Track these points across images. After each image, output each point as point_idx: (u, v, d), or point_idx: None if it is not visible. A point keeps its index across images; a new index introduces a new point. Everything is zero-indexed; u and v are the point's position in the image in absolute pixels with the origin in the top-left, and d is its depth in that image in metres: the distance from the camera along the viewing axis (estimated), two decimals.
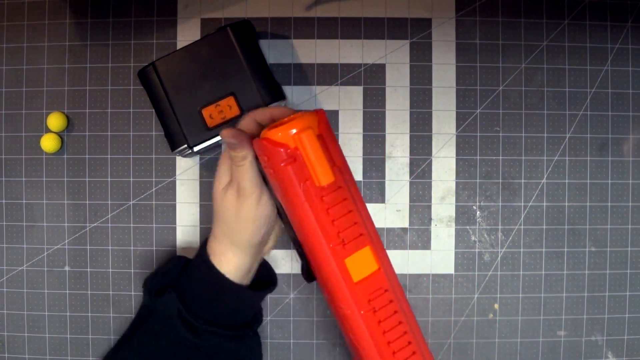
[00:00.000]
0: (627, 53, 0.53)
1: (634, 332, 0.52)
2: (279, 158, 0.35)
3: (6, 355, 0.52)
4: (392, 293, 0.37)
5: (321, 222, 0.36)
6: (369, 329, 0.37)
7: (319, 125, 0.36)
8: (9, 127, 0.52)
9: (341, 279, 0.36)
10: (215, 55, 0.46)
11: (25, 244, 0.52)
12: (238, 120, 0.43)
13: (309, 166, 0.35)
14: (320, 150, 0.35)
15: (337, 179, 0.36)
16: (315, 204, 0.36)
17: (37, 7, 0.52)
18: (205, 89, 0.46)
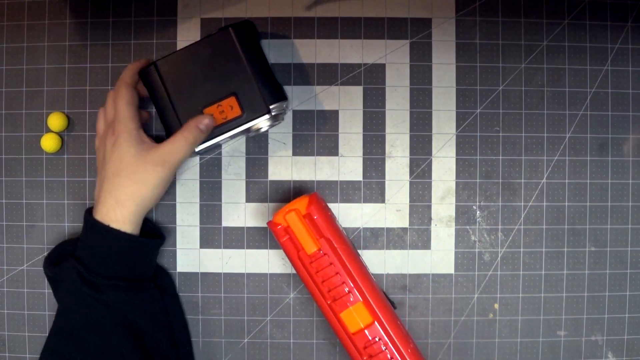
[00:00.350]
0: (627, 53, 0.53)
1: (634, 332, 0.52)
2: (281, 234, 0.46)
3: (6, 355, 0.52)
4: (386, 342, 0.44)
5: (315, 283, 0.45)
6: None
7: (308, 206, 0.46)
8: (9, 127, 0.52)
9: (341, 329, 0.45)
10: (217, 56, 0.46)
11: (25, 244, 0.52)
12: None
13: (298, 239, 0.45)
14: (302, 226, 0.45)
15: (322, 247, 0.45)
16: (307, 268, 0.45)
17: (37, 7, 0.52)
18: (207, 89, 0.46)
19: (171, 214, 0.52)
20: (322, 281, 0.45)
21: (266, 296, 0.52)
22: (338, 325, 0.45)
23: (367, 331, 0.44)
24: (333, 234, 0.46)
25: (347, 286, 0.45)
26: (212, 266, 0.52)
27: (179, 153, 0.45)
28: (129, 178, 0.44)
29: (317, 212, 0.46)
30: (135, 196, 0.44)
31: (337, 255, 0.45)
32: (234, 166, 0.52)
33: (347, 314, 0.45)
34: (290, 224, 0.45)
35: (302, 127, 0.52)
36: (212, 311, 0.52)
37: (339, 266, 0.45)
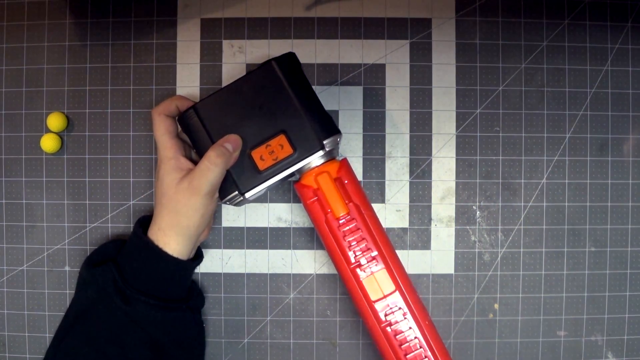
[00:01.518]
0: (627, 53, 0.53)
1: (634, 332, 0.52)
2: (308, 196, 0.44)
3: (6, 355, 0.52)
4: (407, 310, 0.43)
5: (341, 247, 0.44)
6: (388, 341, 0.43)
7: (338, 170, 0.44)
8: (9, 127, 0.52)
9: (361, 296, 0.44)
10: (260, 92, 0.43)
11: (25, 244, 0.52)
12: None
13: (326, 201, 0.44)
14: (334, 188, 0.44)
15: (350, 212, 0.44)
16: (334, 231, 0.44)
17: (37, 7, 0.52)
18: (253, 129, 0.43)
19: None
20: (348, 246, 0.44)
21: (266, 296, 0.52)
22: (358, 292, 0.44)
23: (389, 299, 0.43)
24: (361, 200, 0.45)
25: (373, 253, 0.44)
26: (212, 266, 0.52)
27: (205, 177, 0.42)
28: (166, 208, 0.44)
29: (347, 177, 0.45)
30: (174, 225, 0.44)
31: (364, 221, 0.44)
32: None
33: (369, 280, 0.44)
34: (321, 185, 0.44)
35: None
36: (212, 311, 0.52)
37: (366, 232, 0.44)
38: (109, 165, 0.52)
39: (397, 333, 0.43)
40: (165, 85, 0.52)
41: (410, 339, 0.43)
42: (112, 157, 0.52)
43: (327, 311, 0.52)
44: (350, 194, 0.44)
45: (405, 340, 0.43)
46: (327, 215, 0.44)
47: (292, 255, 0.53)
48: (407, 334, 0.43)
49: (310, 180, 0.44)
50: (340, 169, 0.45)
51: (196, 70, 0.52)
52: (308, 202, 0.44)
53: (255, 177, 0.43)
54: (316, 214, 0.44)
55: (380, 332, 0.43)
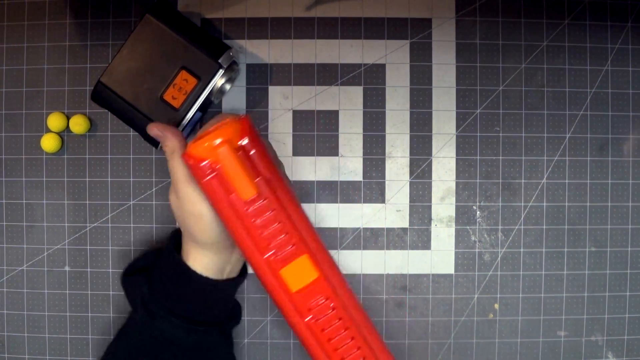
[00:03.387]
0: (627, 53, 0.53)
1: (634, 332, 0.52)
2: (202, 173, 0.35)
3: (6, 356, 0.52)
4: (335, 300, 0.37)
5: (251, 235, 0.36)
6: (314, 336, 0.37)
7: (240, 134, 0.36)
8: (9, 127, 0.52)
9: (279, 289, 0.37)
10: (150, 43, 0.46)
11: (25, 244, 0.52)
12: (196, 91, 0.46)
13: (229, 180, 0.35)
14: (239, 165, 0.35)
15: (261, 191, 0.36)
16: (242, 217, 0.36)
17: (37, 7, 0.52)
18: (157, 77, 0.46)
19: (171, 214, 0.52)
20: (259, 233, 0.36)
21: (266, 296, 0.52)
22: (275, 286, 0.37)
23: (311, 289, 0.37)
24: (272, 172, 0.37)
25: (291, 238, 0.36)
26: None
27: (174, 175, 0.40)
28: (177, 220, 0.43)
29: (253, 143, 0.36)
30: (189, 236, 0.41)
31: (278, 200, 0.36)
32: None
33: (288, 270, 0.37)
34: (221, 161, 0.34)
35: (302, 127, 0.52)
36: None
37: (282, 214, 0.36)
38: (109, 165, 0.52)
39: (324, 327, 0.37)
40: None
41: (340, 332, 0.37)
42: (112, 157, 0.52)
43: None
44: (257, 167, 0.36)
45: (336, 333, 0.37)
46: (230, 197, 0.35)
47: None
48: (335, 326, 0.37)
49: (204, 151, 0.35)
50: (242, 132, 0.36)
51: None
52: (203, 181, 0.35)
53: (175, 115, 0.46)
54: (215, 196, 0.36)
55: (305, 328, 0.37)
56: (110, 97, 0.47)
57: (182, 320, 0.41)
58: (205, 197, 0.38)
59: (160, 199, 0.52)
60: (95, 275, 0.52)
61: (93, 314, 0.52)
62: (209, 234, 0.40)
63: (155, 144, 0.48)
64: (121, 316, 0.52)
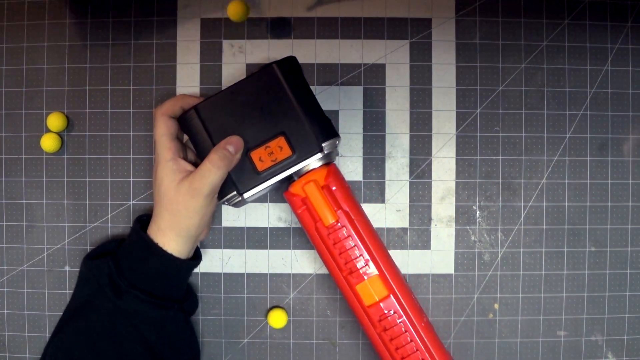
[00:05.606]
0: (627, 53, 0.53)
1: (634, 332, 0.52)
2: (297, 205, 0.44)
3: (6, 355, 0.52)
4: (402, 314, 0.43)
5: (332, 255, 0.44)
6: (384, 344, 0.44)
7: (326, 177, 0.44)
8: (9, 127, 0.52)
9: (356, 302, 0.44)
10: (261, 94, 0.43)
11: (25, 244, 0.52)
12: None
13: (314, 210, 0.44)
14: (321, 197, 0.43)
15: (340, 219, 0.44)
16: (325, 240, 0.44)
17: (37, 7, 0.52)
18: (253, 131, 0.43)
19: None
20: (339, 253, 0.44)
21: (266, 296, 0.52)
22: (353, 298, 0.44)
23: (382, 304, 0.44)
24: (351, 206, 0.45)
25: (364, 259, 0.44)
26: (212, 266, 0.52)
27: (207, 179, 0.42)
28: (166, 209, 0.44)
29: (335, 183, 0.45)
30: (175, 226, 0.44)
31: (354, 227, 0.44)
32: None
33: (362, 286, 0.44)
34: (308, 195, 0.44)
35: None
36: (212, 311, 0.52)
37: (356, 239, 0.44)
38: (109, 165, 0.52)
39: (392, 337, 0.43)
40: (165, 85, 0.52)
41: (405, 342, 0.43)
42: (112, 157, 0.52)
43: (327, 311, 0.52)
44: (339, 200, 0.44)
45: (401, 344, 0.43)
46: (316, 224, 0.44)
47: (292, 255, 0.53)
48: (402, 338, 0.43)
49: (298, 189, 0.44)
50: (327, 175, 0.44)
51: (196, 71, 0.52)
52: (298, 211, 0.45)
53: (254, 178, 0.44)
54: (306, 223, 0.45)
55: (377, 336, 0.44)
56: (196, 127, 0.44)
57: (149, 296, 0.44)
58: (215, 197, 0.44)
59: None
60: None
61: None
62: (201, 228, 0.45)
63: (222, 193, 0.44)
64: None
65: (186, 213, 0.43)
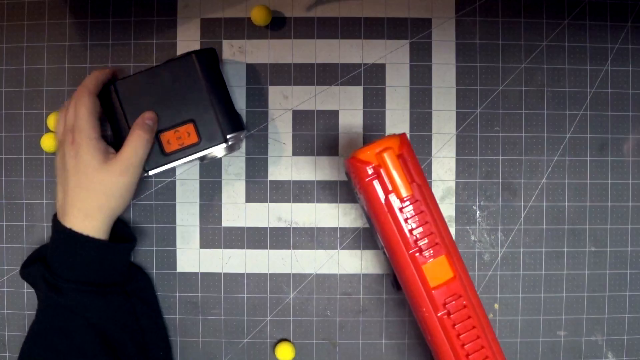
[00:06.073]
0: (627, 53, 0.53)
1: (634, 332, 0.52)
2: (365, 174, 0.41)
3: (7, 355, 0.52)
4: (466, 299, 0.41)
5: (401, 231, 0.41)
6: (445, 331, 0.41)
7: (400, 146, 0.41)
8: (9, 127, 0.52)
9: (419, 283, 0.41)
10: (177, 81, 0.46)
11: (25, 244, 0.52)
12: None
13: (389, 180, 0.40)
14: (399, 167, 0.40)
15: (414, 193, 0.41)
16: (395, 214, 0.41)
17: (37, 7, 0.52)
18: (165, 114, 0.46)
19: (171, 214, 0.52)
20: (410, 229, 0.41)
21: (266, 296, 0.52)
22: (416, 280, 0.41)
23: (448, 287, 0.41)
24: (422, 180, 0.42)
25: (435, 238, 0.41)
26: (212, 266, 0.52)
27: (136, 155, 0.45)
28: (94, 190, 0.44)
29: (408, 154, 0.42)
30: (104, 208, 0.45)
31: (426, 203, 0.41)
32: (234, 166, 0.52)
33: (429, 266, 0.41)
34: (384, 163, 0.40)
35: (302, 127, 0.52)
36: (212, 311, 0.52)
37: (429, 215, 0.41)
38: None
39: (455, 322, 0.41)
40: None
41: (470, 327, 0.41)
42: None
43: (327, 311, 0.52)
44: (412, 173, 0.41)
45: (465, 330, 0.41)
46: (388, 196, 0.41)
47: (292, 255, 0.53)
48: (467, 323, 0.41)
49: (369, 156, 0.41)
50: (402, 144, 0.42)
51: None
52: (365, 180, 0.41)
53: (160, 158, 0.47)
54: (372, 194, 0.41)
55: (437, 323, 0.41)
56: (113, 103, 0.47)
57: (87, 286, 0.44)
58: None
59: (161, 199, 0.52)
60: None
61: None
62: (126, 206, 0.46)
63: None
64: None
65: (116, 191, 0.44)
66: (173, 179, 0.52)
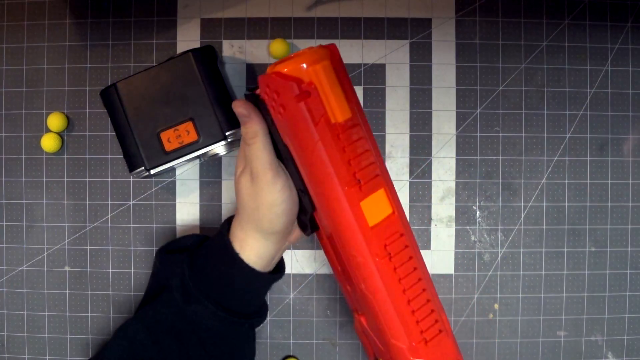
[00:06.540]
0: (627, 53, 0.53)
1: (634, 332, 0.52)
2: (291, 93, 0.32)
3: (6, 356, 0.52)
4: (406, 238, 0.35)
5: (336, 162, 0.33)
6: (384, 277, 0.34)
7: (332, 59, 0.33)
8: (9, 127, 0.52)
9: (355, 224, 0.34)
10: (176, 80, 0.47)
11: (25, 244, 0.52)
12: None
13: (325, 101, 0.32)
14: (337, 84, 0.33)
15: (353, 116, 0.33)
16: (330, 143, 0.33)
17: (37, 7, 0.52)
18: (165, 113, 0.46)
19: (171, 214, 0.52)
20: (348, 160, 0.33)
21: (266, 296, 0.52)
22: (352, 220, 0.34)
23: (388, 224, 0.34)
24: (357, 100, 0.35)
25: (376, 168, 0.34)
26: None
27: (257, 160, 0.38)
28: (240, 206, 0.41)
29: (341, 70, 0.34)
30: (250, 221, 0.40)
31: (367, 128, 0.34)
32: (234, 166, 0.52)
33: (368, 202, 0.34)
34: (319, 79, 0.32)
35: None
36: None
37: (369, 142, 0.34)
38: (109, 165, 0.52)
39: (396, 266, 0.34)
40: None
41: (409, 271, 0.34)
42: (112, 157, 0.52)
43: (327, 311, 0.52)
44: (347, 91, 0.34)
45: (405, 273, 0.35)
46: (321, 120, 0.32)
47: (292, 255, 0.53)
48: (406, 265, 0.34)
49: (297, 70, 0.32)
50: (333, 57, 0.33)
51: None
52: (291, 100, 0.32)
53: (161, 157, 0.47)
54: (302, 118, 0.33)
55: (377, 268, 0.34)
56: (114, 103, 0.47)
57: (219, 309, 0.40)
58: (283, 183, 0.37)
59: (161, 199, 0.52)
60: (95, 275, 0.52)
61: (93, 314, 0.52)
62: (278, 223, 0.39)
63: (132, 167, 0.47)
64: (121, 316, 0.52)
65: (253, 202, 0.39)
66: (173, 179, 0.52)
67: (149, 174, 0.47)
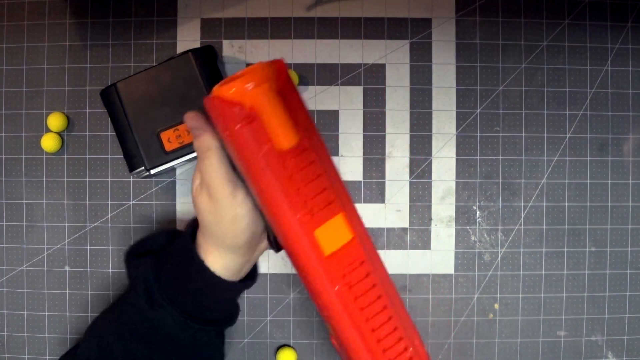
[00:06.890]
0: (627, 53, 0.53)
1: (634, 332, 0.52)
2: (234, 119, 0.30)
3: (6, 356, 0.52)
4: (368, 265, 0.33)
5: (285, 191, 0.31)
6: (345, 306, 0.33)
7: (277, 78, 0.31)
8: (9, 127, 0.52)
9: (311, 253, 0.32)
10: (176, 79, 0.47)
11: (25, 244, 0.52)
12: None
13: (269, 127, 0.31)
14: (281, 108, 0.31)
15: (301, 140, 0.31)
16: (277, 171, 0.31)
17: (37, 7, 0.52)
18: (165, 113, 0.47)
19: (171, 214, 0.52)
20: (296, 188, 0.31)
21: (266, 296, 0.52)
22: (306, 249, 0.32)
23: (347, 252, 0.32)
24: (308, 122, 0.32)
25: (330, 195, 0.32)
26: None
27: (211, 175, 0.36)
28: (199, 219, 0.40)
29: (289, 89, 0.32)
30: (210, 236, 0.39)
31: (316, 151, 0.32)
32: None
33: (323, 230, 0.32)
34: (260, 105, 0.30)
35: None
36: None
37: (320, 168, 0.32)
38: (109, 165, 0.52)
39: (357, 295, 0.33)
40: None
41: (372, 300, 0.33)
42: (112, 157, 0.52)
43: None
44: (296, 114, 0.32)
45: (367, 302, 0.33)
46: (265, 147, 0.31)
47: None
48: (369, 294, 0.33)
49: (238, 94, 0.30)
50: (279, 76, 0.31)
51: None
52: (235, 128, 0.30)
53: (161, 157, 0.47)
54: (247, 145, 0.31)
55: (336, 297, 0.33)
56: (114, 103, 0.47)
57: (183, 316, 0.39)
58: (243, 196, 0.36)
59: (161, 199, 0.52)
60: (95, 275, 0.52)
61: (93, 314, 0.52)
62: (242, 237, 0.38)
63: (132, 167, 0.47)
64: None
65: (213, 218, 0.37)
66: (173, 179, 0.52)
67: (149, 174, 0.47)
